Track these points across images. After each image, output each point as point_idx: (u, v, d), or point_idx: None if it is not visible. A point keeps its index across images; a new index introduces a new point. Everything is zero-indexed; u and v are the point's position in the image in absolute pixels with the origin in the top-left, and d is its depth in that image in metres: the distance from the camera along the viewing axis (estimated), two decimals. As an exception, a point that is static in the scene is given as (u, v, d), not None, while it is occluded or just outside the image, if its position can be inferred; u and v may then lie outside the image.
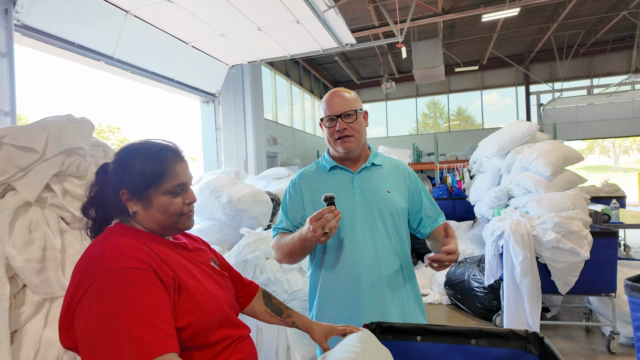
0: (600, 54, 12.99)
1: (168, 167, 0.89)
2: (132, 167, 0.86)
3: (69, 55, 4.31)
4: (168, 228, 0.91)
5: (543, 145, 3.77)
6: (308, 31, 5.49)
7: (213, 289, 0.90)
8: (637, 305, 1.58)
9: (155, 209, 0.88)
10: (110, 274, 0.72)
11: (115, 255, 0.76)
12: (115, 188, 0.87)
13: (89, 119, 1.39)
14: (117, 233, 0.84)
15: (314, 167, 1.44)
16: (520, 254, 2.80)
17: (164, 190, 0.88)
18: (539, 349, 0.95)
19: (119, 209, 0.89)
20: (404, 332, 1.05)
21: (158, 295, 0.75)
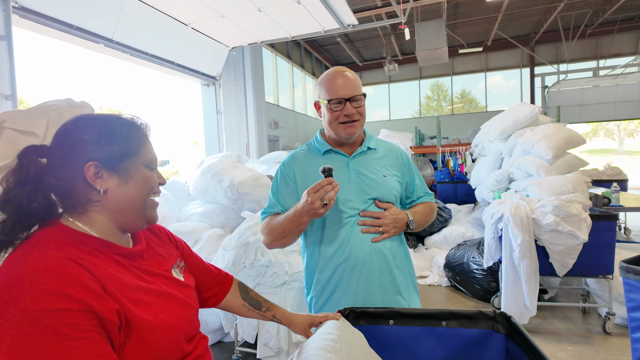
0: (607, 35, 12.74)
1: (146, 137, 0.78)
2: (107, 134, 0.71)
3: (67, 37, 4.28)
4: (137, 214, 0.76)
5: (545, 128, 3.75)
6: (309, 11, 5.40)
7: (168, 313, 0.72)
8: (632, 286, 1.61)
9: (135, 182, 0.73)
10: (28, 317, 0.53)
11: (39, 288, 0.55)
12: (72, 164, 0.68)
13: (88, 103, 1.39)
14: (47, 245, 0.62)
15: (305, 149, 1.38)
16: (519, 237, 2.82)
17: (143, 161, 0.76)
18: (506, 328, 0.99)
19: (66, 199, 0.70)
20: (377, 316, 1.07)
21: (91, 348, 0.56)
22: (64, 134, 0.71)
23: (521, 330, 0.92)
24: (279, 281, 2.19)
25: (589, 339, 2.78)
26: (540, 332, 2.93)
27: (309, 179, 1.28)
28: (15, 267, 0.58)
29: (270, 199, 1.35)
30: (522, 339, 0.90)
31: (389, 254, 1.28)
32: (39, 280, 0.56)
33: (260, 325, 2.25)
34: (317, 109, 1.34)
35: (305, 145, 1.41)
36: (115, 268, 0.68)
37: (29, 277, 0.56)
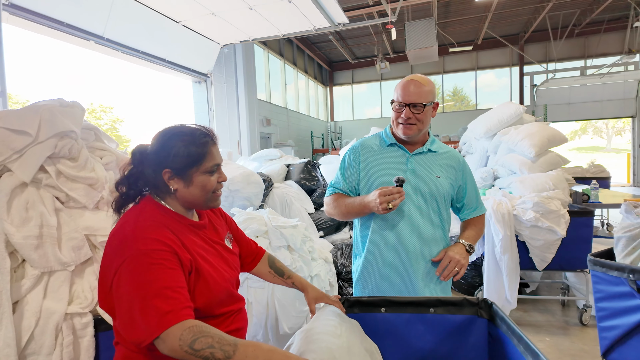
0: (594, 34, 12.95)
1: (208, 149, 1.00)
2: (177, 149, 0.97)
3: (57, 34, 4.28)
4: (200, 205, 1.03)
5: (529, 127, 3.85)
6: (300, 10, 5.45)
7: (222, 270, 1.03)
8: (599, 278, 1.70)
9: (195, 187, 0.99)
10: (139, 253, 0.85)
11: (145, 238, 0.88)
12: (158, 167, 0.97)
13: (79, 103, 1.44)
14: (148, 215, 0.95)
15: (375, 139, 1.54)
16: (500, 232, 2.92)
17: (203, 170, 0.99)
18: (488, 313, 1.08)
19: (156, 186, 1.00)
20: (369, 304, 1.15)
21: (177, 274, 0.88)
22: (157, 144, 0.99)
23: (502, 314, 1.01)
24: (267, 275, 2.25)
25: (566, 330, 2.89)
26: (520, 324, 3.04)
27: (370, 167, 1.48)
28: (129, 225, 0.92)
29: (337, 176, 1.57)
30: (503, 322, 0.99)
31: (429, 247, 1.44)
32: (145, 232, 0.89)
33: (249, 318, 2.31)
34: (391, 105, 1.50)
35: (376, 135, 1.57)
36: (188, 233, 1.00)
37: (139, 232, 0.89)
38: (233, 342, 0.79)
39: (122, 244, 0.88)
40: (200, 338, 0.78)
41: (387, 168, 1.45)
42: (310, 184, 4.50)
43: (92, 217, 1.33)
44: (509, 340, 0.95)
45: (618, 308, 1.62)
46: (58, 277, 1.23)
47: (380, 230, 1.46)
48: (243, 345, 0.79)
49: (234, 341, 0.79)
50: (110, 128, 25.46)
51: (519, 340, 0.90)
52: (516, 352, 0.90)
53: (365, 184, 1.48)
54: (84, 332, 1.22)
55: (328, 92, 16.98)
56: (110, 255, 0.90)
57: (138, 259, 0.85)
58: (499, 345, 1.02)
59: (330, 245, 3.72)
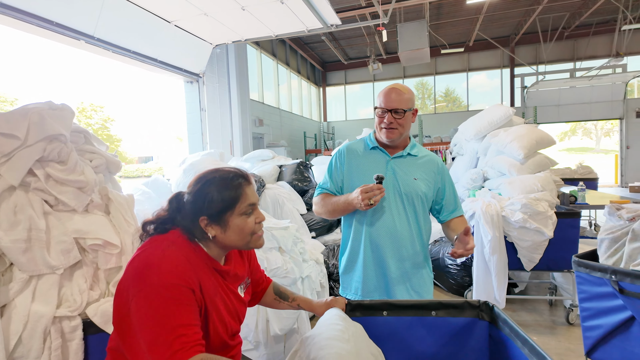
0: (583, 37, 13.14)
1: (241, 191, 1.01)
2: (211, 195, 0.98)
3: (47, 34, 4.23)
4: (241, 247, 1.04)
5: (518, 129, 3.90)
6: (292, 11, 5.45)
7: (226, 322, 1.05)
8: (582, 279, 1.74)
9: (232, 231, 1.00)
10: (160, 286, 0.88)
11: (169, 272, 0.90)
12: (194, 216, 0.99)
13: (69, 106, 1.44)
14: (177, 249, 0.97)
15: (360, 143, 1.66)
16: (489, 233, 2.96)
17: (239, 212, 1.00)
18: (489, 316, 1.09)
19: (191, 232, 1.01)
20: (371, 308, 1.15)
21: (192, 310, 0.91)
22: (192, 192, 1.02)
23: (504, 317, 1.02)
24: (258, 277, 2.26)
25: (553, 330, 2.94)
26: (509, 323, 3.08)
27: (353, 168, 1.59)
28: (156, 255, 0.93)
29: (325, 177, 1.68)
30: (506, 324, 1.00)
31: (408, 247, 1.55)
32: (168, 266, 0.91)
33: (239, 320, 2.32)
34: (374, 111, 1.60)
35: (361, 140, 1.68)
36: (210, 275, 1.01)
37: (165, 265, 0.91)
38: None
39: (145, 271, 0.90)
40: None
41: (368, 169, 1.55)
42: (303, 185, 4.51)
43: (81, 220, 1.33)
44: (512, 343, 0.95)
45: (601, 308, 1.66)
46: (47, 280, 1.23)
47: (360, 227, 1.57)
48: None
49: None
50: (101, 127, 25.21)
51: (523, 343, 0.90)
52: (520, 354, 0.91)
53: (348, 184, 1.58)
54: (73, 336, 1.22)
55: (321, 92, 16.99)
56: (131, 279, 0.91)
57: (158, 291, 0.87)
58: (501, 348, 1.03)
59: (322, 246, 3.74)
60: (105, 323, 1.26)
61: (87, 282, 1.31)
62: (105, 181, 1.54)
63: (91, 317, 1.25)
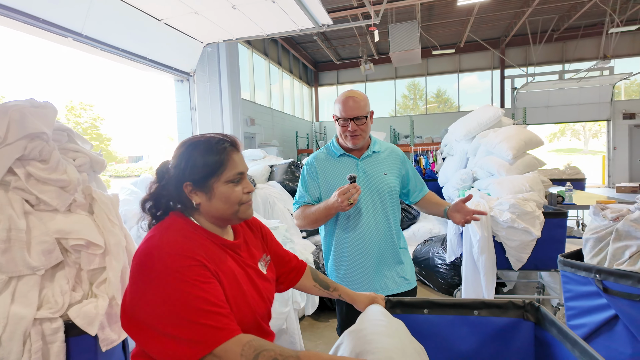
0: (572, 40, 13.32)
1: (227, 156, 0.94)
2: (194, 159, 0.92)
3: (33, 30, 4.16)
4: (229, 218, 0.96)
5: (507, 130, 3.94)
6: (284, 10, 5.44)
7: (251, 299, 0.95)
8: (568, 278, 1.76)
9: (217, 199, 0.93)
10: (170, 272, 0.79)
11: (173, 254, 0.82)
12: (178, 182, 0.93)
13: (52, 103, 1.41)
14: (176, 229, 0.90)
15: (324, 152, 1.74)
16: (478, 233, 2.98)
17: (225, 179, 0.93)
18: (535, 316, 1.06)
19: (181, 202, 0.95)
20: (412, 306, 1.14)
21: (214, 287, 0.83)
22: (175, 157, 0.95)
23: (552, 318, 0.99)
24: (247, 277, 2.25)
25: (540, 328, 2.97)
26: (497, 322, 3.10)
27: (328, 176, 1.66)
28: (155, 241, 0.85)
29: (300, 191, 1.72)
30: (553, 325, 0.97)
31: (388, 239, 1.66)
32: (171, 249, 0.83)
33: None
34: (334, 120, 1.67)
35: (324, 148, 1.76)
36: (220, 253, 0.94)
37: (166, 247, 0.83)
38: (295, 354, 0.77)
39: (148, 262, 0.82)
40: (263, 352, 0.76)
41: (341, 174, 1.61)
42: (294, 185, 4.50)
43: (63, 220, 1.30)
44: (561, 345, 0.92)
45: (585, 307, 1.68)
46: (27, 281, 1.20)
47: (342, 231, 1.65)
48: (305, 355, 0.77)
49: (295, 353, 0.78)
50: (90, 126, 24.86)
51: (573, 345, 0.87)
52: (570, 356, 0.88)
53: (325, 192, 1.66)
54: (54, 338, 1.20)
55: (313, 92, 16.98)
56: (136, 275, 0.83)
57: (167, 278, 0.79)
58: (548, 350, 1.00)
59: (312, 246, 3.73)
60: (88, 325, 1.24)
61: (69, 283, 1.28)
62: (89, 180, 1.52)
63: (73, 318, 1.23)
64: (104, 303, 1.29)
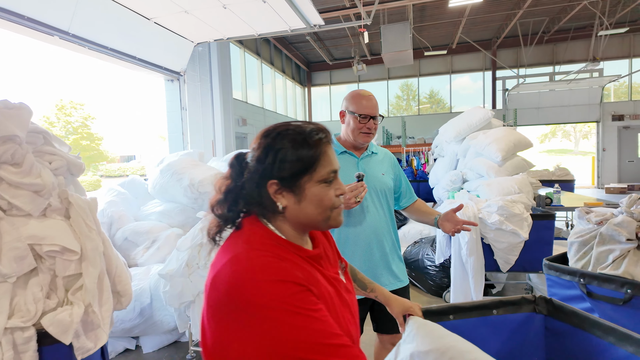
0: (562, 42, 13.46)
1: (322, 150, 0.78)
2: (284, 153, 0.75)
3: (18, 29, 4.08)
4: (317, 225, 0.80)
5: (496, 131, 3.95)
6: (275, 10, 5.40)
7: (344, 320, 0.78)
8: (553, 282, 1.76)
9: (308, 201, 0.77)
10: (275, 305, 0.63)
11: (272, 281, 0.65)
12: (261, 179, 0.76)
13: (27, 105, 1.37)
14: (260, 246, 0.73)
15: None
16: (466, 235, 2.98)
17: (318, 178, 0.77)
18: (546, 309, 1.12)
19: (260, 205, 0.78)
20: (439, 313, 1.15)
21: (325, 314, 0.67)
22: (258, 149, 0.78)
23: (565, 306, 1.05)
24: (233, 281, 2.22)
25: (528, 330, 2.97)
26: (485, 324, 3.11)
27: None
28: (242, 265, 0.67)
29: None
30: (565, 312, 1.04)
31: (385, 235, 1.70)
32: (267, 274, 0.66)
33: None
34: (341, 117, 1.69)
35: None
36: (309, 269, 0.76)
37: (259, 273, 0.66)
38: None
39: (241, 294, 0.64)
40: None
41: (342, 171, 1.63)
42: (284, 186, 4.48)
43: (37, 226, 1.27)
44: (576, 330, 0.99)
45: (570, 311, 1.68)
46: (-2, 289, 1.17)
47: (345, 229, 1.65)
48: None
49: None
50: (81, 125, 24.57)
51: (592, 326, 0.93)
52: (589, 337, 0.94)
53: None
54: (26, 347, 1.16)
55: (306, 92, 16.95)
56: (224, 311, 0.65)
57: (274, 311, 0.62)
58: (560, 339, 1.06)
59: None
60: (62, 333, 1.20)
61: (43, 291, 1.25)
62: (66, 184, 1.48)
63: (46, 327, 1.19)
64: (79, 310, 1.26)
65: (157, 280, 2.65)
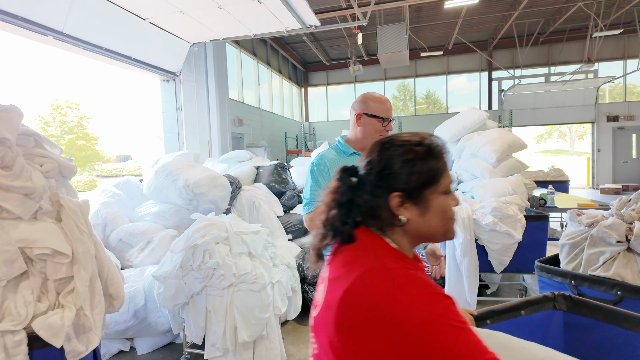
0: (558, 43, 13.53)
1: (445, 162, 0.78)
2: (412, 164, 0.74)
3: (11, 29, 4.06)
4: (437, 238, 0.79)
5: (491, 133, 3.97)
6: (271, 11, 5.40)
7: None
8: (544, 283, 1.77)
9: (433, 214, 0.76)
10: (433, 319, 0.60)
11: (424, 294, 0.63)
12: (383, 191, 0.74)
13: (17, 107, 1.36)
14: (387, 257, 0.71)
15: (333, 151, 1.76)
16: (460, 236, 2.99)
17: (442, 189, 0.76)
18: (565, 305, 1.17)
19: (376, 217, 0.76)
20: (478, 319, 1.16)
21: (472, 331, 0.64)
22: (382, 160, 0.76)
23: (582, 299, 1.12)
24: (226, 283, 2.21)
25: (522, 331, 2.99)
26: (479, 325, 3.12)
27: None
28: (385, 278, 0.65)
29: (314, 189, 1.69)
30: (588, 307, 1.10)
31: None
32: (416, 286, 0.64)
33: (207, 327, 2.27)
34: (357, 119, 1.69)
35: (332, 148, 1.78)
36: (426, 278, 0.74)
37: (407, 286, 0.63)
38: None
39: (393, 305, 0.61)
40: None
41: None
42: (280, 187, 4.47)
43: (28, 229, 1.26)
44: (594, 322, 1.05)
45: (561, 312, 1.69)
46: (-12, 293, 1.16)
47: None
48: None
49: None
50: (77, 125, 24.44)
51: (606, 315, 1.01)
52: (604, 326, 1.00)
53: None
54: (17, 351, 1.16)
55: (302, 92, 16.95)
56: (366, 322, 0.62)
57: (433, 326, 0.60)
58: (579, 332, 1.12)
59: (298, 249, 3.71)
60: (53, 336, 1.20)
61: (33, 294, 1.24)
62: (58, 186, 1.47)
63: (37, 330, 1.19)
64: (71, 314, 1.26)
65: (151, 281, 2.64)
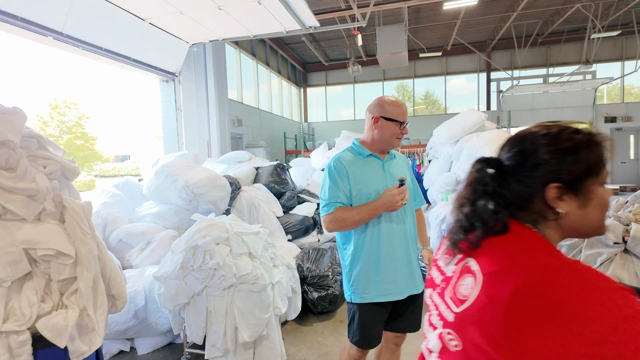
0: (556, 44, 13.59)
1: (605, 152, 0.71)
2: (574, 153, 0.69)
3: (11, 29, 4.06)
4: (593, 232, 0.74)
5: (489, 134, 3.99)
6: (270, 12, 5.41)
7: None
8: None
9: (594, 206, 0.71)
10: (632, 315, 0.56)
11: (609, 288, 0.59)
12: (541, 181, 0.70)
13: (21, 109, 1.37)
14: (546, 249, 0.67)
15: (349, 153, 1.80)
16: (459, 237, 3.01)
17: (602, 180, 0.71)
18: None
19: (527, 210, 0.72)
20: None
21: None
22: (524, 153, 0.72)
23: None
24: (227, 283, 2.23)
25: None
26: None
27: (358, 176, 1.71)
28: (573, 278, 0.60)
29: (333, 192, 1.71)
30: None
31: (411, 236, 1.75)
32: (605, 282, 0.59)
33: (208, 327, 2.28)
34: (374, 122, 1.72)
35: (347, 150, 1.82)
36: None
37: (601, 281, 0.59)
38: None
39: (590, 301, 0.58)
40: None
41: (372, 175, 1.72)
42: (280, 187, 4.48)
43: (32, 230, 1.27)
44: None
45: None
46: (-8, 293, 1.17)
47: (377, 231, 1.68)
48: None
49: None
50: (75, 125, 24.40)
51: None
52: None
53: (359, 192, 1.70)
54: (21, 351, 1.17)
55: (302, 93, 16.97)
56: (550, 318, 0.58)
57: (632, 322, 0.56)
58: None
59: (297, 249, 3.73)
60: (57, 337, 1.21)
61: (37, 295, 1.25)
62: (61, 188, 1.48)
63: (41, 331, 1.20)
64: (74, 314, 1.27)
65: (151, 282, 2.65)
